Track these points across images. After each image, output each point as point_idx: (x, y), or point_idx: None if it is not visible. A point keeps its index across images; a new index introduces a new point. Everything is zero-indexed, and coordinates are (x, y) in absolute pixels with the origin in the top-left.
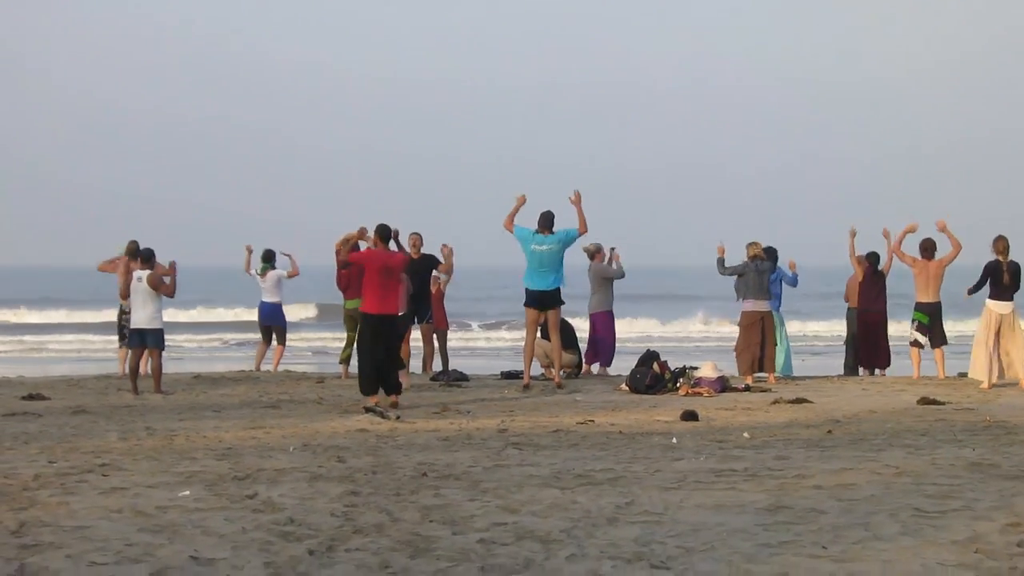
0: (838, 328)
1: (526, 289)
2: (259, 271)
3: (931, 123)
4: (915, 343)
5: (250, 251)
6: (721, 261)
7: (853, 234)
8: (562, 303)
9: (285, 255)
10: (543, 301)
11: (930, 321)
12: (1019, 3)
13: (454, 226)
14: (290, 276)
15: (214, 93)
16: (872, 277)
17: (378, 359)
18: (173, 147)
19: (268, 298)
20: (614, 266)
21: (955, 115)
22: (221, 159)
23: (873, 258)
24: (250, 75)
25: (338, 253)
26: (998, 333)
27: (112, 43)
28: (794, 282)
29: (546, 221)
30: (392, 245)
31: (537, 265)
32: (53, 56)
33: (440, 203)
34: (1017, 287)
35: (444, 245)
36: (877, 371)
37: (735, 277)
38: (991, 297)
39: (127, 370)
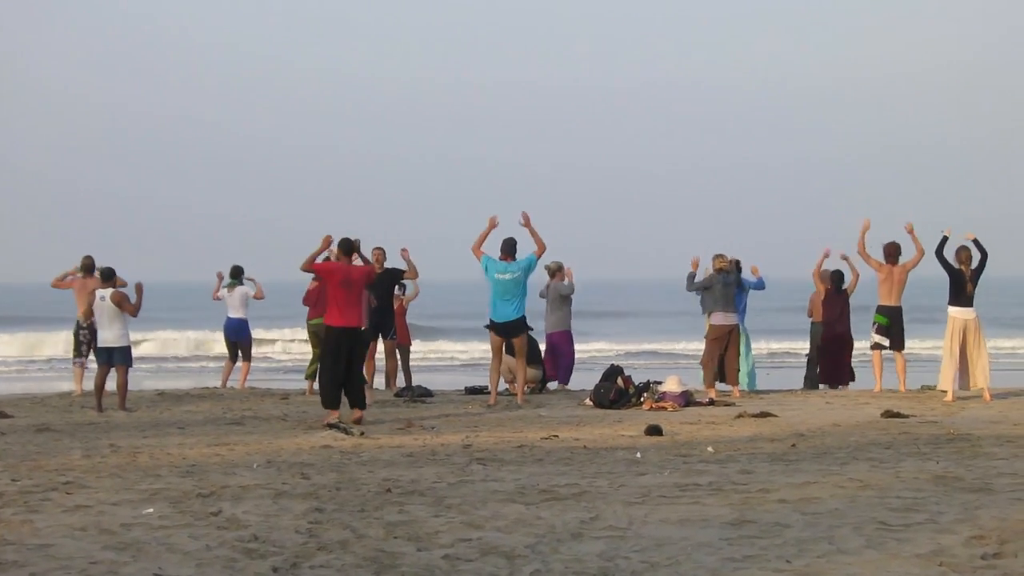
0: (803, 344)
1: (491, 320)
2: (226, 286)
3: (911, 125)
4: (876, 346)
5: (221, 277)
6: (692, 276)
7: (827, 254)
8: (529, 329)
9: (250, 280)
10: (508, 331)
11: (890, 324)
12: (1005, 12)
13: (446, 230)
14: (256, 297)
15: (210, 97)
16: (833, 297)
17: (340, 372)
18: (165, 151)
19: (234, 314)
20: (566, 282)
21: (938, 118)
22: (216, 163)
23: (836, 277)
24: (249, 79)
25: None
26: (963, 342)
27: (109, 46)
28: (761, 286)
29: (509, 248)
30: (357, 259)
31: (501, 293)
32: (43, 58)
33: (435, 205)
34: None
35: (402, 249)
36: (839, 386)
37: (700, 291)
38: (952, 304)
39: (82, 387)
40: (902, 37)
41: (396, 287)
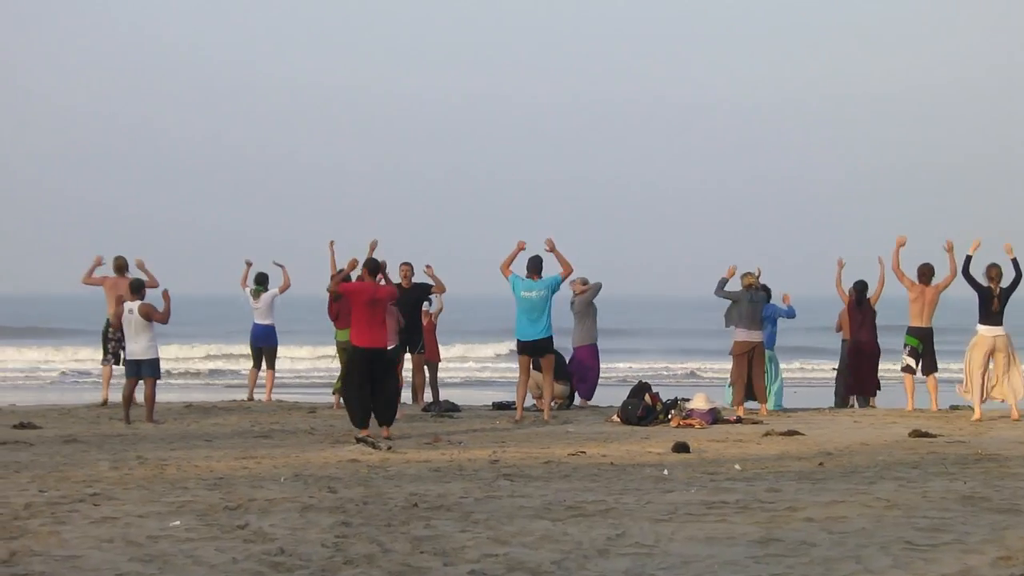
0: (825, 363)
1: (518, 340)
2: (252, 293)
3: (936, 140)
4: (907, 368)
5: (249, 265)
6: (723, 282)
7: (841, 265)
8: (553, 351)
9: (278, 265)
10: (536, 350)
11: (921, 346)
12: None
13: (457, 247)
14: (283, 290)
15: (212, 110)
16: (856, 308)
17: (367, 392)
18: (169, 164)
19: (261, 320)
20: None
21: (957, 132)
22: (220, 177)
23: (860, 286)
24: (249, 91)
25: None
26: (992, 358)
27: (105, 57)
28: (791, 314)
29: (535, 266)
30: (382, 280)
31: (528, 311)
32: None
33: (446, 222)
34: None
35: (427, 266)
36: (871, 401)
37: (726, 304)
38: (981, 323)
39: (109, 390)
40: (921, 51)
41: (424, 302)
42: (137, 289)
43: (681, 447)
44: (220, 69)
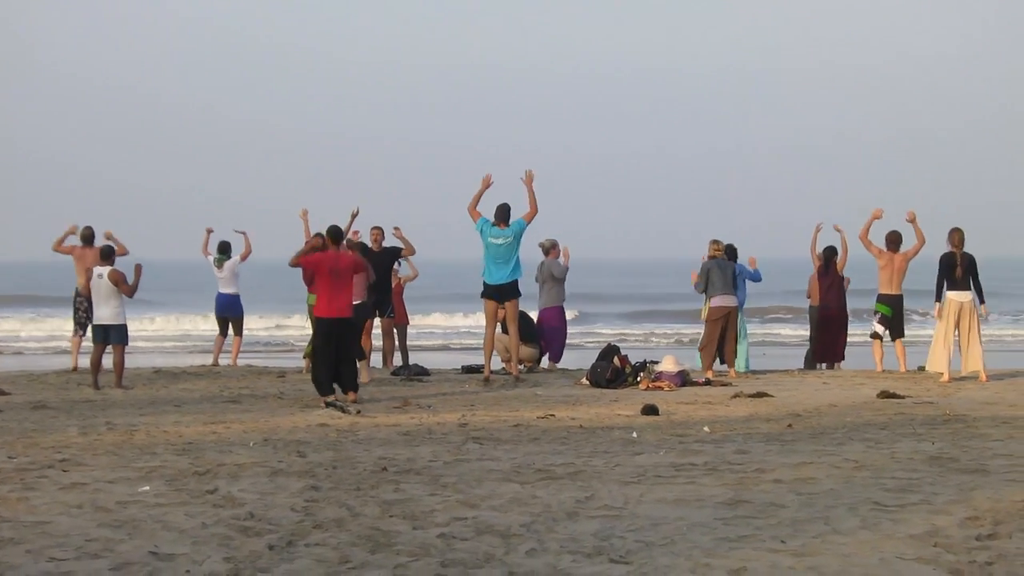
0: (790, 329)
1: (484, 283)
2: (215, 262)
3: (907, 116)
4: (875, 335)
5: (209, 232)
6: (696, 284)
7: (818, 230)
8: (519, 295)
9: (239, 233)
10: (501, 293)
11: (892, 313)
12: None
13: (443, 215)
14: (244, 257)
15: (212, 80)
16: (824, 274)
17: (332, 362)
18: (165, 134)
19: (225, 289)
20: (561, 261)
21: (935, 107)
22: (216, 147)
23: (829, 252)
24: (250, 64)
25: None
26: (957, 324)
27: (112, 28)
28: (757, 277)
29: (503, 214)
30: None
31: (494, 258)
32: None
33: (433, 191)
34: (973, 279)
35: (395, 228)
36: (836, 365)
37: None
38: (948, 288)
39: (77, 360)
40: (907, 27)
41: (395, 263)
42: (107, 255)
43: (650, 410)
44: (215, 40)
